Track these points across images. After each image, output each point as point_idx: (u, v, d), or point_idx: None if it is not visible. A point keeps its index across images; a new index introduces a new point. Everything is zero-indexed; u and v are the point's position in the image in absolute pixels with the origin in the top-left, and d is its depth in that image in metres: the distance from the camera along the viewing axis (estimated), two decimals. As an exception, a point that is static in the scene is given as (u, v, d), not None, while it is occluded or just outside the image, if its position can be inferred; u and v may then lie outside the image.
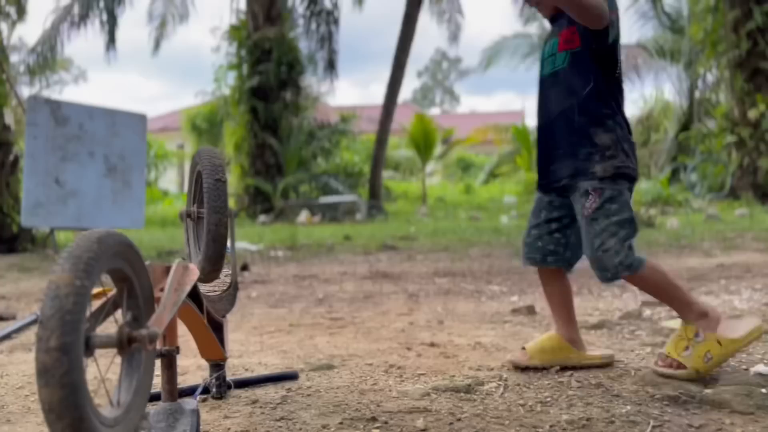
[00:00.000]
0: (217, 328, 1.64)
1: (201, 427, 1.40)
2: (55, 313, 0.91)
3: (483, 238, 7.59)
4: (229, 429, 1.47)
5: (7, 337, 2.61)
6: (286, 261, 5.81)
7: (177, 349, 1.38)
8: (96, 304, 1.09)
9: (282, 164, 15.71)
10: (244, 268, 5.02)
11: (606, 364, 1.90)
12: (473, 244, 6.79)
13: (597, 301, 3.13)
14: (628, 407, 1.52)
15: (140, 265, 1.20)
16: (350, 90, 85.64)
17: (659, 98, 20.50)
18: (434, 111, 50.61)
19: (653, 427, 1.39)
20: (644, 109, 23.97)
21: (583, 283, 3.79)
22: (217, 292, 1.67)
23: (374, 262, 5.43)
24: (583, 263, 1.85)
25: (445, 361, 2.02)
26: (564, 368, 1.87)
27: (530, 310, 2.75)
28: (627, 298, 3.20)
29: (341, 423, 1.49)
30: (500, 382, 1.77)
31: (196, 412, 1.35)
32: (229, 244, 1.59)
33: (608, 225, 1.68)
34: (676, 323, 1.98)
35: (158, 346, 1.22)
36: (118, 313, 1.18)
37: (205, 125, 24.76)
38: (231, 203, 13.39)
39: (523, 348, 1.93)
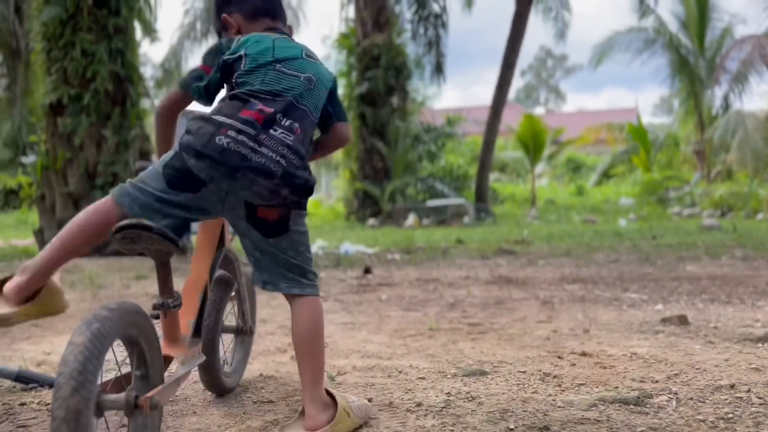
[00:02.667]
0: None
1: None
2: (69, 379, 1.06)
3: (605, 242, 7.30)
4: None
5: (170, 333, 2.82)
6: (404, 264, 5.88)
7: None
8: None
9: (389, 168, 15.93)
10: (367, 270, 5.13)
11: None
12: (596, 249, 6.55)
13: (754, 311, 2.92)
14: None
15: (150, 332, 1.29)
16: (452, 92, 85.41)
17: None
18: (539, 110, 49.37)
19: None
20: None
21: (732, 291, 3.56)
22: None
23: (494, 267, 5.37)
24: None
25: (603, 372, 1.97)
26: (738, 383, 1.76)
27: (682, 320, 2.61)
28: (787, 308, 2.97)
29: (512, 429, 1.49)
30: (671, 396, 1.69)
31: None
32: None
33: None
34: None
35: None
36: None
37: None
38: (341, 207, 13.79)
39: None
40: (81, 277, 4.88)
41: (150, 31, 7.96)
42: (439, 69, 15.54)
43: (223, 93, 1.55)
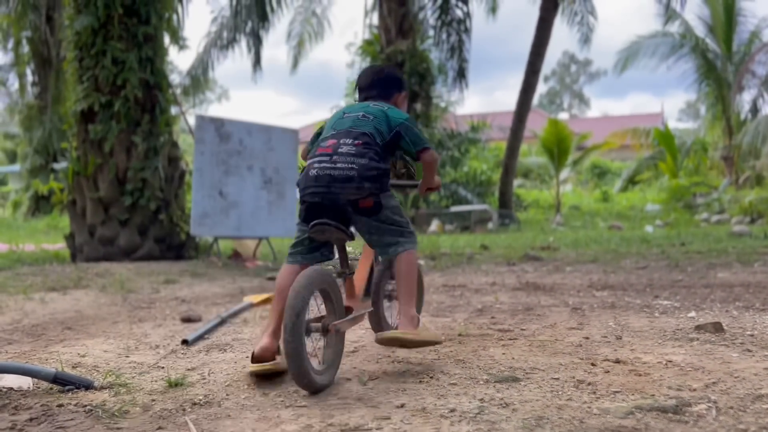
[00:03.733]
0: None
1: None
2: (290, 311, 1.81)
3: (632, 248, 7.20)
4: (437, 436, 1.50)
5: (201, 337, 2.85)
6: (430, 270, 5.86)
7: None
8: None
9: (413, 174, 15.87)
10: (393, 276, 5.12)
11: None
12: (623, 256, 6.46)
13: (791, 319, 2.86)
14: None
15: (336, 288, 2.05)
16: (475, 97, 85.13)
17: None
18: (562, 116, 48.98)
19: None
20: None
21: (767, 298, 3.48)
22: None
23: (521, 273, 5.33)
24: None
25: (638, 379, 1.94)
26: (780, 393, 1.72)
27: (717, 328, 2.56)
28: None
29: (549, 437, 1.47)
30: (710, 404, 1.66)
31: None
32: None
33: None
34: None
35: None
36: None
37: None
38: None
39: None
40: (111, 281, 4.96)
41: (178, 39, 8.06)
42: (461, 74, 15.49)
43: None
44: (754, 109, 20.18)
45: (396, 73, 2.47)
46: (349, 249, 2.24)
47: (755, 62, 18.84)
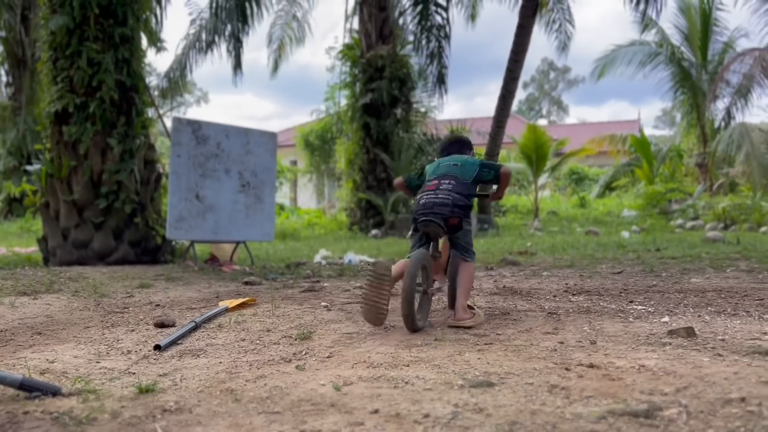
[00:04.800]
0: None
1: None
2: (408, 278, 2.82)
3: (608, 254, 7.27)
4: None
5: (174, 343, 2.81)
6: (408, 275, 5.86)
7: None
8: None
9: (393, 179, 15.93)
10: (371, 281, 5.12)
11: None
12: (600, 261, 6.52)
13: (761, 323, 2.90)
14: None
15: (429, 264, 3.10)
16: (455, 103, 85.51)
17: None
18: (541, 122, 49.46)
19: None
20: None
21: (738, 303, 3.54)
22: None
23: (498, 278, 5.35)
24: None
25: (611, 384, 1.95)
26: (748, 396, 1.74)
27: (689, 332, 2.59)
28: (794, 322, 2.94)
29: (522, 443, 1.47)
30: (681, 408, 1.67)
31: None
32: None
33: None
34: None
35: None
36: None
37: (318, 142, 25.63)
38: (344, 217, 13.81)
39: None
40: (84, 285, 4.87)
41: (156, 40, 7.98)
42: (441, 80, 15.54)
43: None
44: (728, 118, 20.58)
45: (467, 139, 3.61)
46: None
47: (729, 71, 19.21)
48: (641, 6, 10.52)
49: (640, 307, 3.52)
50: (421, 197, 3.18)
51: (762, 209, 13.68)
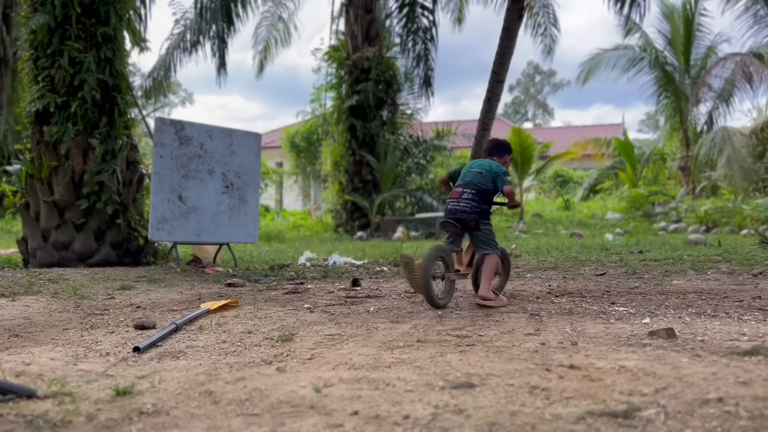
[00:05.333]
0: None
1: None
2: (424, 266, 3.53)
3: (592, 256, 7.32)
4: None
5: (154, 345, 2.78)
6: (393, 276, 5.86)
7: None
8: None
9: (378, 180, 15.93)
10: (355, 282, 5.11)
11: None
12: (583, 263, 6.56)
13: (740, 325, 2.93)
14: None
15: (449, 256, 3.80)
16: (441, 106, 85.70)
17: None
18: (527, 125, 49.72)
19: None
20: (758, 120, 22.44)
21: (718, 305, 3.57)
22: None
23: (482, 280, 5.36)
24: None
25: (591, 385, 1.95)
26: (725, 396, 1.75)
27: (669, 333, 2.61)
28: (772, 323, 2.97)
29: (501, 444, 1.47)
30: (659, 409, 1.68)
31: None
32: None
33: None
34: None
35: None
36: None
37: (303, 144, 25.56)
38: (329, 219, 13.84)
39: None
40: (64, 287, 4.81)
41: (139, 40, 7.91)
42: (427, 82, 15.57)
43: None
44: (710, 122, 20.82)
45: (507, 143, 4.17)
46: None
47: (711, 76, 19.46)
48: (625, 10, 10.60)
49: (621, 308, 3.54)
50: (448, 202, 3.89)
51: (743, 212, 13.85)
